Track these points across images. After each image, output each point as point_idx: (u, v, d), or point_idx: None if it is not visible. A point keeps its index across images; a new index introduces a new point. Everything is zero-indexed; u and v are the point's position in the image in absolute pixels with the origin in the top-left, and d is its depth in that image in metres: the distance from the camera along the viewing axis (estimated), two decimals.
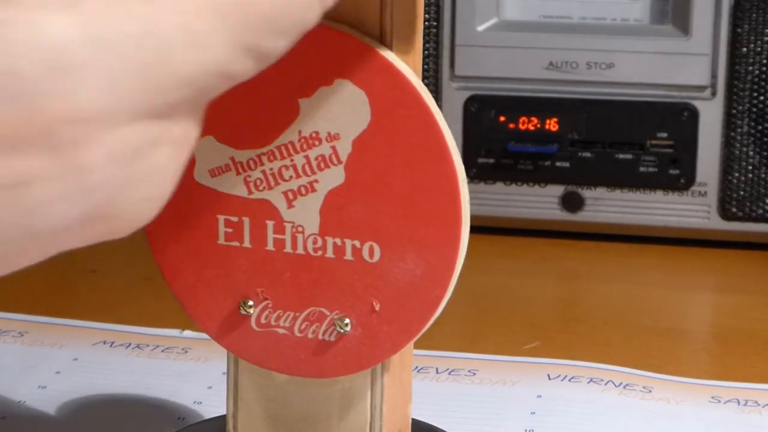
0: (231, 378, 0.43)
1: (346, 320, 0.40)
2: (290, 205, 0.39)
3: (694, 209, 0.81)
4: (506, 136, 0.82)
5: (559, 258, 0.81)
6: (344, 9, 0.37)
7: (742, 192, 0.79)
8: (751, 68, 0.78)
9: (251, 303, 0.41)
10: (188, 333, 0.65)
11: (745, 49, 0.78)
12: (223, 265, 0.41)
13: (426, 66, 0.82)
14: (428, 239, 0.38)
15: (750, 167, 0.79)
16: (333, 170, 0.39)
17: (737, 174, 0.79)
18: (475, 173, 0.82)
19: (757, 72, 0.78)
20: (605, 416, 0.55)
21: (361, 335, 0.40)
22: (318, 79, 0.38)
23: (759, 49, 0.78)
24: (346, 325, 0.40)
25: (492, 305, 0.72)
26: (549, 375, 0.60)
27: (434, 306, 0.39)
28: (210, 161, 0.40)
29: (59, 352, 0.62)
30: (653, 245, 0.82)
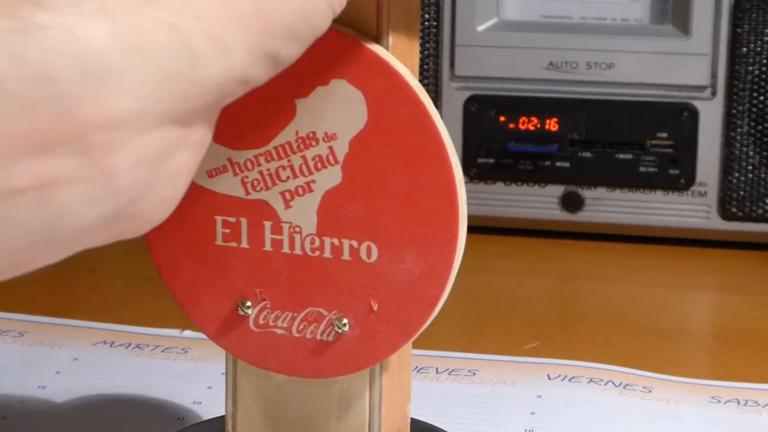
0: (229, 378, 0.43)
1: (344, 320, 0.40)
2: (287, 206, 0.39)
3: (694, 209, 0.81)
4: (506, 136, 0.82)
5: (559, 258, 0.81)
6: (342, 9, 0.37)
7: (742, 192, 0.79)
8: (751, 68, 0.78)
9: (249, 303, 0.41)
10: (188, 333, 0.65)
11: (745, 49, 0.78)
12: (221, 266, 0.41)
13: (426, 66, 0.82)
14: (426, 239, 0.38)
15: (750, 167, 0.79)
16: (330, 170, 0.39)
17: (737, 174, 0.79)
18: (475, 173, 0.82)
19: (757, 72, 0.78)
20: (605, 416, 0.55)
21: (359, 335, 0.40)
22: (315, 80, 0.38)
23: (759, 49, 0.78)
24: (344, 326, 0.40)
25: (492, 305, 0.72)
26: (549, 375, 0.59)
27: (432, 306, 0.39)
28: (207, 162, 0.40)
29: (59, 352, 0.62)
30: (653, 245, 0.82)
